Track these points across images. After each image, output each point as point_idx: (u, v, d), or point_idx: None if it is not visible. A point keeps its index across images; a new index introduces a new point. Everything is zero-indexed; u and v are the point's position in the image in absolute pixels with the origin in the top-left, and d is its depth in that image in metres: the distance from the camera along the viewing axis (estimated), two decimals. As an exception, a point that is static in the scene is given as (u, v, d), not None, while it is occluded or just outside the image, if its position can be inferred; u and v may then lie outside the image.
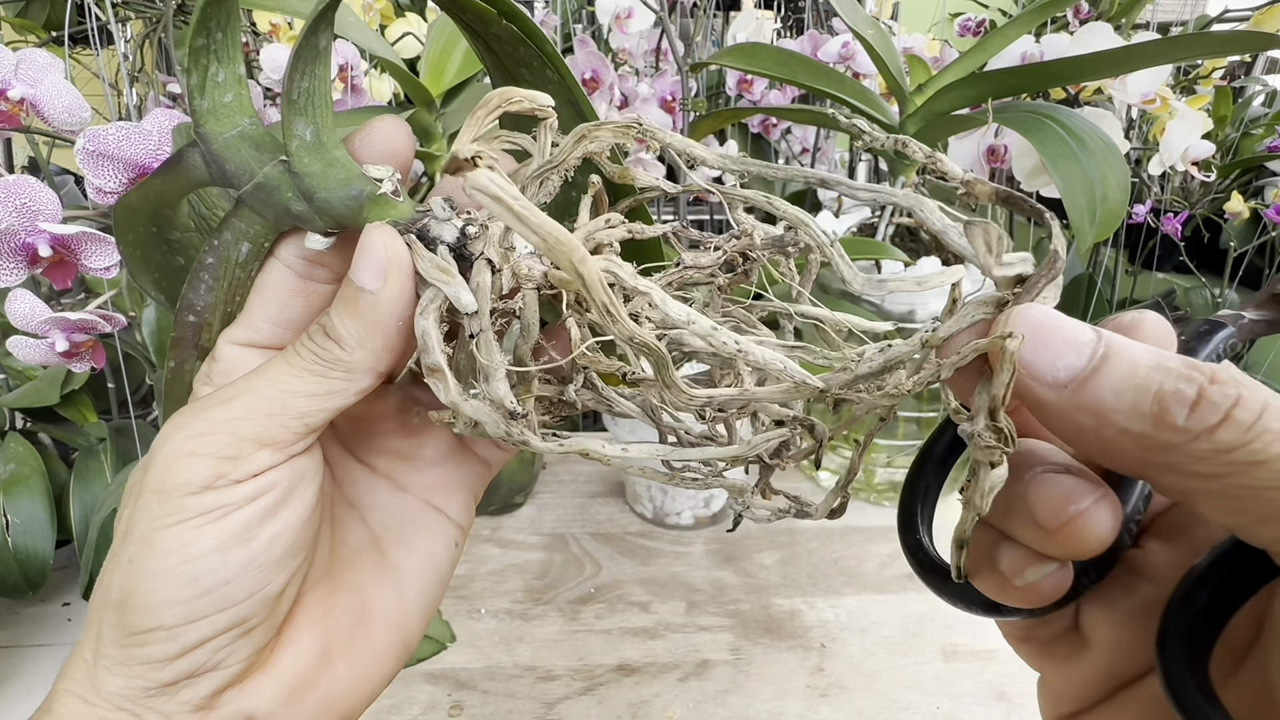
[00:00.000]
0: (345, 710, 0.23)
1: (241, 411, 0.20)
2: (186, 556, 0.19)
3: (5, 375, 0.58)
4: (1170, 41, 0.51)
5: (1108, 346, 0.16)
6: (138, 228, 0.21)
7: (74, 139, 0.38)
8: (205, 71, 0.19)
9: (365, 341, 0.20)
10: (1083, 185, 0.47)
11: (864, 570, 0.60)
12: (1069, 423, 0.16)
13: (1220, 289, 0.78)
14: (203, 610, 0.19)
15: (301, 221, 0.20)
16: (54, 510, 0.53)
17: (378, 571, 0.24)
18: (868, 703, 0.49)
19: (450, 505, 0.26)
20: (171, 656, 0.19)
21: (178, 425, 0.20)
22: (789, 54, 0.61)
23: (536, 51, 0.22)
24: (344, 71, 0.57)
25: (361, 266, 0.19)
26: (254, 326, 0.21)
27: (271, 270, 0.21)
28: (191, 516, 0.19)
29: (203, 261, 0.21)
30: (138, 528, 0.19)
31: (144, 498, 0.19)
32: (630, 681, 0.50)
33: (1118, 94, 0.63)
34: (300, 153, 0.19)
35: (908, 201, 0.19)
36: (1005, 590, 0.19)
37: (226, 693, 0.20)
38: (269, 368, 0.20)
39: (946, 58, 0.80)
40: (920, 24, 1.05)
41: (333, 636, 0.23)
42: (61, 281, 0.39)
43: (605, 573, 0.59)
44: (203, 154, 0.19)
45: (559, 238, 0.17)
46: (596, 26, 0.81)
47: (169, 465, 0.19)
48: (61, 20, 0.67)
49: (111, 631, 0.20)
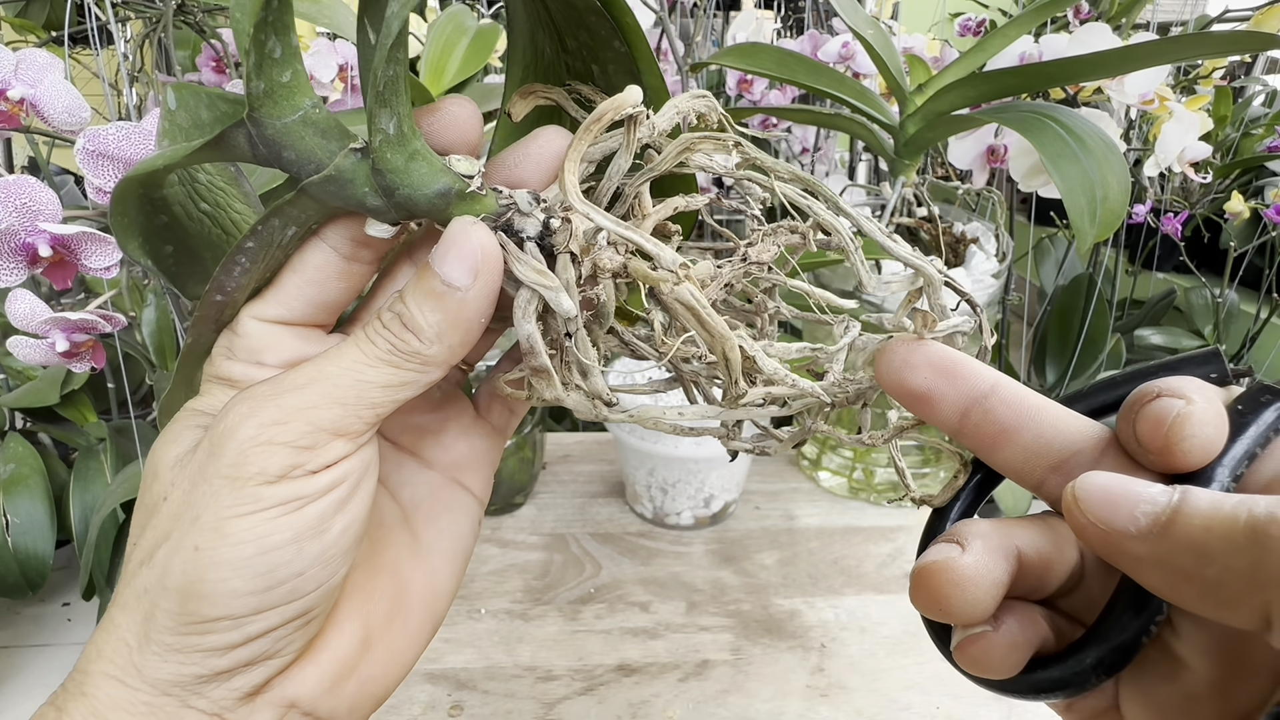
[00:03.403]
0: (378, 695, 0.23)
1: (316, 400, 0.19)
2: (263, 548, 0.19)
3: (5, 375, 0.58)
4: (1170, 42, 0.51)
5: (1181, 494, 0.16)
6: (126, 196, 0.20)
7: (74, 139, 0.38)
8: (262, 48, 0.17)
9: (446, 336, 0.19)
10: (1083, 185, 0.47)
11: (864, 570, 0.60)
12: (1167, 572, 0.16)
13: (1220, 289, 0.78)
14: (272, 601, 0.19)
15: (373, 213, 0.19)
16: (54, 510, 0.53)
17: (412, 552, 0.24)
18: (868, 703, 0.49)
19: (474, 481, 0.25)
20: (233, 645, 0.19)
21: (249, 412, 0.19)
22: (789, 54, 0.61)
23: (610, 22, 0.20)
24: (344, 71, 0.57)
25: (451, 262, 0.19)
26: (287, 305, 0.21)
27: (315, 251, 0.21)
28: (269, 507, 0.19)
29: (242, 245, 0.20)
30: (204, 514, 0.19)
31: (210, 484, 0.19)
32: (630, 681, 0.50)
33: (1116, 95, 0.63)
34: (383, 147, 0.18)
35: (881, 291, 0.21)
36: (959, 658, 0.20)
37: (274, 680, 0.20)
38: (340, 355, 0.20)
39: (946, 58, 0.80)
40: (920, 24, 1.05)
41: (373, 622, 0.22)
42: (61, 281, 0.39)
43: (605, 573, 0.59)
44: (251, 137, 0.18)
45: (724, 333, 0.19)
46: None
47: (243, 453, 0.19)
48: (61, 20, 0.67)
49: (169, 618, 0.19)
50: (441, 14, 0.58)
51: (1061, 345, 0.79)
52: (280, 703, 0.20)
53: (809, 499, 0.66)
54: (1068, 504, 0.17)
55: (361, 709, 0.22)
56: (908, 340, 0.20)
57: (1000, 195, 0.69)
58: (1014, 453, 0.19)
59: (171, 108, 0.19)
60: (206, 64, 0.71)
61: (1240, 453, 0.17)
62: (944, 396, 0.20)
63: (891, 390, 0.20)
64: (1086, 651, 0.18)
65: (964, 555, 0.18)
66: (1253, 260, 0.84)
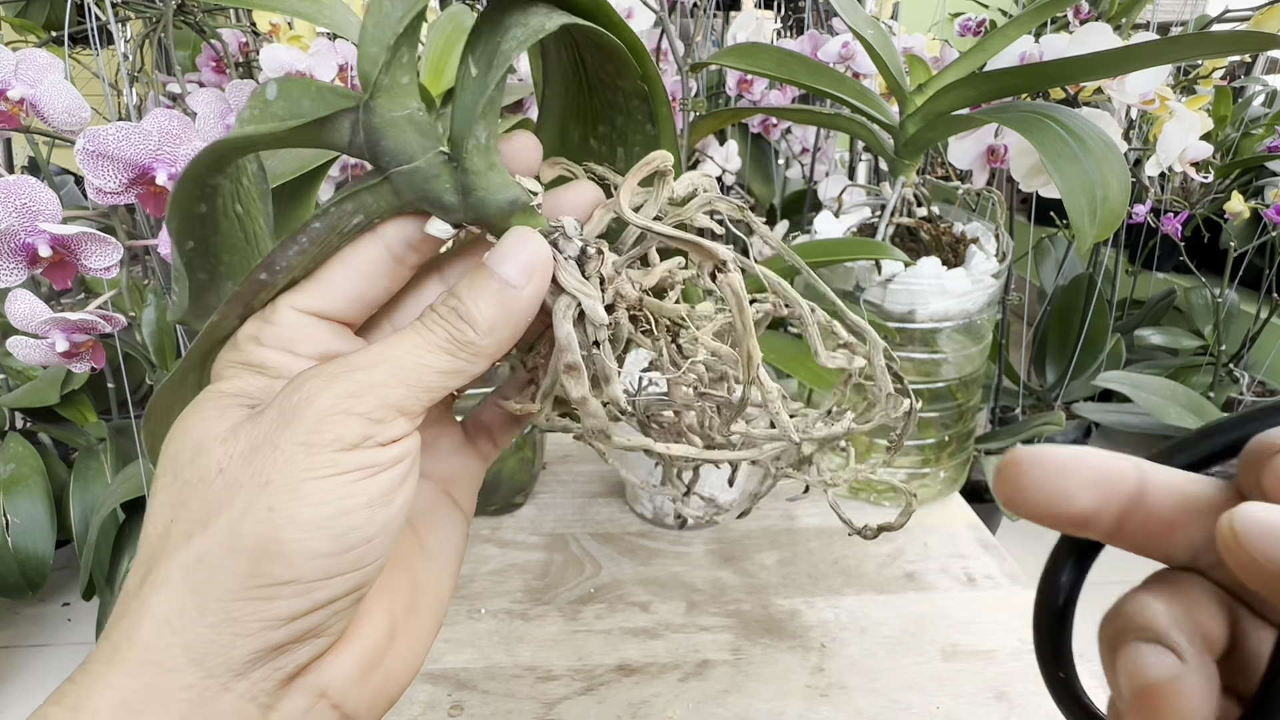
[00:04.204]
0: (395, 691, 0.23)
1: (385, 379, 0.20)
2: (341, 509, 0.19)
3: (5, 375, 0.58)
4: (1170, 42, 0.51)
5: None
6: (199, 167, 0.21)
7: (74, 139, 0.38)
8: (395, 53, 0.20)
9: (498, 330, 0.21)
10: (1083, 185, 0.47)
11: (864, 570, 0.60)
12: None
13: (1220, 289, 0.78)
14: (341, 567, 0.20)
15: (442, 210, 0.21)
16: (54, 510, 0.53)
17: (419, 552, 0.25)
18: (868, 703, 0.49)
19: (462, 497, 0.27)
20: (295, 615, 0.19)
21: (324, 385, 0.20)
22: (789, 54, 0.61)
23: (648, 110, 0.25)
24: (344, 71, 0.57)
25: (510, 263, 0.21)
26: (331, 297, 0.22)
27: (368, 247, 0.22)
28: (348, 471, 0.19)
29: (308, 226, 0.21)
30: (277, 478, 0.19)
31: (283, 450, 0.19)
32: (630, 681, 0.50)
33: (1116, 94, 0.63)
34: (473, 152, 0.21)
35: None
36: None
37: (311, 665, 0.21)
38: (403, 341, 0.21)
39: (946, 58, 0.80)
40: (920, 24, 1.05)
41: (396, 612, 0.23)
42: (61, 282, 0.39)
43: (605, 573, 0.59)
44: (355, 124, 0.20)
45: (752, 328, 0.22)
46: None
47: (322, 421, 0.19)
48: (61, 20, 0.67)
49: (233, 583, 0.19)
50: (441, 14, 0.58)
51: (1061, 345, 0.79)
52: (313, 690, 0.21)
53: (809, 499, 0.66)
54: (1226, 541, 0.15)
55: (379, 707, 0.23)
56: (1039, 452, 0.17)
57: (1000, 195, 0.69)
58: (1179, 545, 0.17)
59: (270, 98, 0.20)
60: (206, 64, 0.71)
61: None
62: (1099, 510, 0.17)
63: (1029, 511, 0.18)
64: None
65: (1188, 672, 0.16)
66: (1253, 260, 0.84)
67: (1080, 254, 0.53)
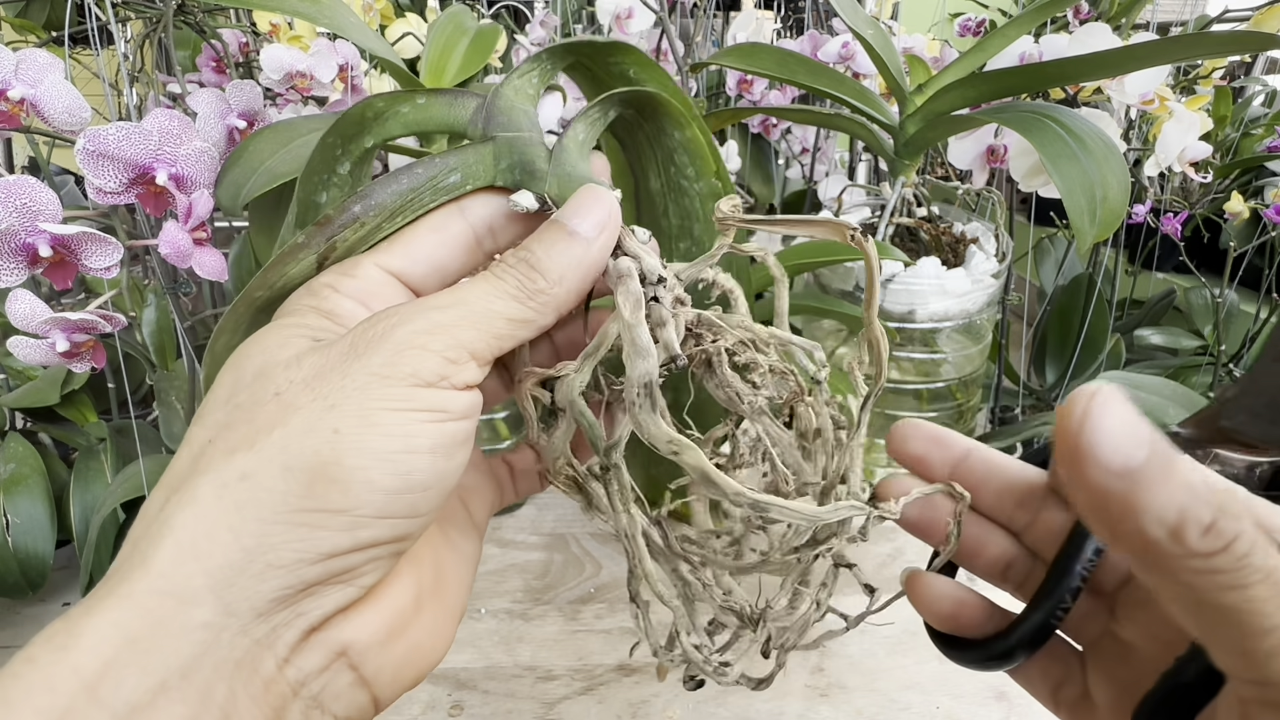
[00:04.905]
0: (421, 667, 0.22)
1: (458, 320, 0.20)
2: (409, 446, 0.19)
3: (5, 375, 0.58)
4: (1170, 42, 0.51)
5: (1153, 450, 0.17)
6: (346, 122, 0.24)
7: (74, 139, 0.38)
8: (522, 72, 0.25)
9: (567, 279, 0.22)
10: (1083, 185, 0.47)
11: (864, 569, 0.60)
12: (1098, 508, 0.17)
13: (1220, 289, 0.78)
14: (394, 509, 0.19)
15: (530, 176, 0.23)
16: (54, 510, 0.52)
17: (444, 540, 0.24)
18: (868, 703, 0.49)
19: (478, 511, 0.27)
20: (335, 551, 0.18)
21: (401, 320, 0.20)
22: (789, 54, 0.61)
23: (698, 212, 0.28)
24: (344, 71, 0.57)
25: (584, 217, 0.22)
26: (414, 259, 0.23)
27: (454, 219, 0.23)
28: (421, 409, 0.19)
29: (412, 168, 0.23)
30: (345, 403, 0.18)
31: (354, 379, 0.19)
32: (630, 681, 0.50)
33: (1116, 95, 0.63)
34: (570, 139, 0.24)
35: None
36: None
37: (335, 618, 0.19)
38: (474, 286, 0.21)
39: (946, 58, 0.80)
40: (920, 24, 1.05)
41: (423, 584, 0.22)
42: (62, 282, 0.39)
43: (605, 573, 0.59)
44: (480, 107, 0.24)
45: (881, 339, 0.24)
46: (596, 27, 0.81)
47: (400, 353, 0.19)
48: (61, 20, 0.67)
49: (281, 502, 0.18)
50: (442, 14, 0.58)
51: (1061, 345, 0.79)
52: (332, 647, 0.19)
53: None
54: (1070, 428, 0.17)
55: (400, 679, 0.21)
56: (909, 421, 0.26)
57: (1000, 195, 0.69)
58: (988, 497, 0.26)
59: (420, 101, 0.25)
60: (207, 64, 0.71)
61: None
62: (934, 458, 0.26)
63: (898, 456, 0.27)
64: (1012, 634, 0.24)
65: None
66: (1252, 260, 0.84)
67: (1080, 254, 0.53)
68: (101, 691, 0.16)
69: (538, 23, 0.79)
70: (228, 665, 0.17)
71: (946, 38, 0.94)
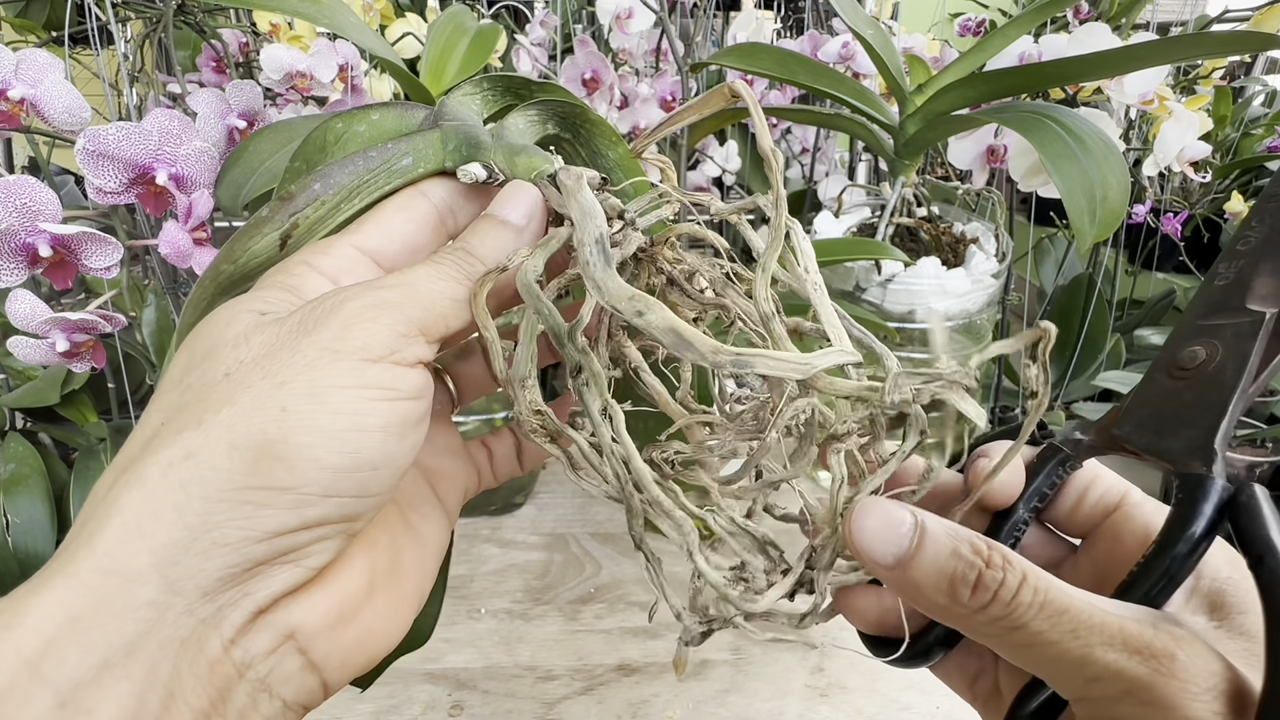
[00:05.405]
0: (373, 653, 0.22)
1: (404, 298, 0.21)
2: (357, 425, 0.19)
3: (5, 375, 0.58)
4: (1170, 42, 0.51)
5: (921, 531, 0.21)
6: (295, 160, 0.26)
7: (74, 139, 0.38)
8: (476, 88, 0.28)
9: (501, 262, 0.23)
10: (1083, 185, 0.47)
11: (864, 570, 0.60)
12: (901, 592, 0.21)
13: (1220, 289, 0.78)
14: (342, 487, 0.19)
15: (476, 149, 0.25)
16: (54, 510, 0.52)
17: (403, 524, 0.24)
18: (868, 703, 0.49)
19: (447, 496, 0.27)
20: (281, 530, 0.18)
21: (350, 296, 0.20)
22: (789, 54, 0.61)
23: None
24: (344, 71, 0.57)
25: (513, 207, 0.24)
26: (389, 237, 0.23)
27: (419, 200, 0.24)
28: (370, 386, 0.19)
29: (366, 152, 0.24)
30: (295, 381, 0.18)
31: (304, 355, 0.19)
32: (630, 681, 0.50)
33: (1115, 95, 0.63)
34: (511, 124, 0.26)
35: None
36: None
37: (283, 600, 0.19)
38: (416, 269, 0.22)
39: (946, 58, 0.80)
40: (920, 24, 1.05)
41: (377, 569, 0.22)
42: (61, 282, 0.39)
43: (605, 573, 0.59)
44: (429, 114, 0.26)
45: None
46: (597, 26, 0.81)
47: (349, 326, 0.19)
48: (61, 20, 0.67)
49: (227, 481, 0.17)
50: (442, 14, 0.58)
51: (1061, 345, 0.79)
52: (280, 629, 0.19)
53: (809, 497, 0.66)
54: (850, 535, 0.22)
55: (351, 664, 0.21)
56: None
57: (1000, 195, 0.69)
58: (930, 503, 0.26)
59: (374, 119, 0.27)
60: (206, 64, 0.71)
61: (1031, 491, 0.25)
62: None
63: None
64: (930, 633, 0.26)
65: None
66: (1252, 260, 0.84)
67: (1080, 254, 0.53)
68: (44, 669, 0.16)
69: (538, 23, 0.79)
70: (173, 644, 0.17)
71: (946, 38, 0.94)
